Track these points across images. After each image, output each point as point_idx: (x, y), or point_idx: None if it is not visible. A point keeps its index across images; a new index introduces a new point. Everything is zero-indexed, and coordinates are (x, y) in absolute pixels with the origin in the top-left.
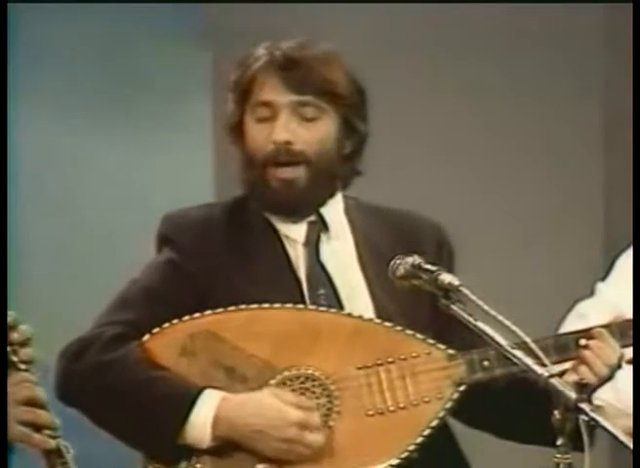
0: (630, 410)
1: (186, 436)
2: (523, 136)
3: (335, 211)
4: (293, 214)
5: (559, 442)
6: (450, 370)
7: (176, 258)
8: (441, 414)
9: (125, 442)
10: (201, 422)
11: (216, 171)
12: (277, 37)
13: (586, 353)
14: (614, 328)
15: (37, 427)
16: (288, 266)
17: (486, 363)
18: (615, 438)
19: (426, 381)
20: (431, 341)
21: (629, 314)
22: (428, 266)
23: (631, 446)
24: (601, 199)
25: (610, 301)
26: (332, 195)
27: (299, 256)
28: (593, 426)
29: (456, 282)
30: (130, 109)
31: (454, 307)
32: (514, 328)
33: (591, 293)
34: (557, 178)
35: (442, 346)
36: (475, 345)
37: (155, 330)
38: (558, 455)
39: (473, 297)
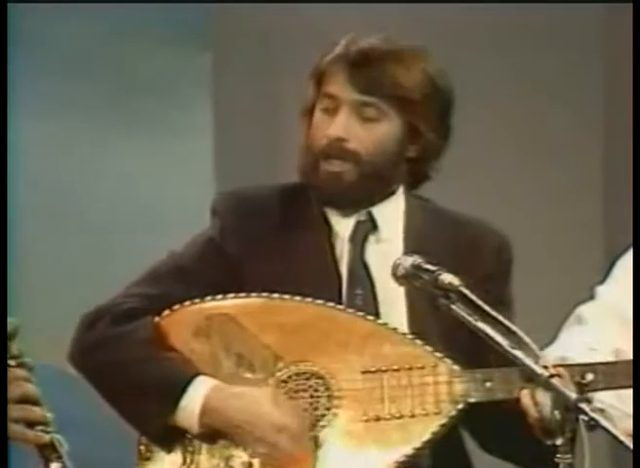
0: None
1: (177, 419)
2: (521, 135)
3: (390, 212)
4: (340, 208)
5: (559, 442)
6: (451, 387)
7: (216, 237)
8: (435, 430)
9: (123, 417)
10: (190, 408)
11: (216, 172)
12: (277, 37)
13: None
14: (618, 367)
15: (30, 424)
16: (332, 260)
17: (488, 384)
18: (615, 438)
19: (427, 394)
20: (439, 354)
21: (629, 316)
22: (428, 266)
23: (631, 446)
24: (601, 199)
25: (610, 304)
26: (387, 196)
27: (343, 252)
28: (593, 426)
29: (456, 282)
30: (130, 110)
31: (453, 307)
32: (514, 328)
33: (591, 297)
34: (557, 179)
35: (449, 361)
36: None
37: (175, 306)
38: (558, 455)
39: (474, 298)
